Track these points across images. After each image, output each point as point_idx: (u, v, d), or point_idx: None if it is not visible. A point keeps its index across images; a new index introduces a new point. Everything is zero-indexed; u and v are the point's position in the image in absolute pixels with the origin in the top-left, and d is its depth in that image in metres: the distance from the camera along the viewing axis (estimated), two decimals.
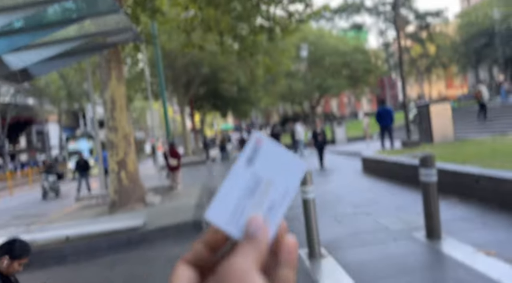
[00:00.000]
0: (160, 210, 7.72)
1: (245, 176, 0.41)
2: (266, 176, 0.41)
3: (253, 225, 0.39)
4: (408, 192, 7.36)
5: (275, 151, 0.42)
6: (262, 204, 0.40)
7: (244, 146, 0.43)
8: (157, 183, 12.39)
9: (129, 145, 8.72)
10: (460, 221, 5.50)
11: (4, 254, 2.43)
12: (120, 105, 8.71)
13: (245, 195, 0.41)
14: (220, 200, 0.40)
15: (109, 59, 8.65)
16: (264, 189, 0.41)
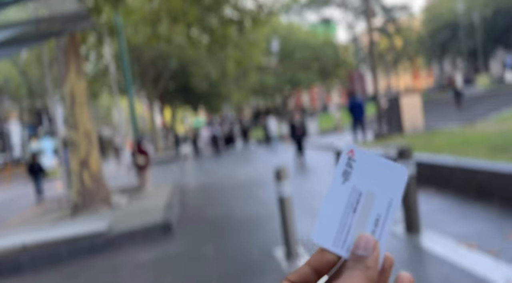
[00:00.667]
0: (127, 212, 7.26)
1: (344, 192, 0.39)
2: (366, 188, 0.39)
3: (362, 245, 0.36)
4: None
5: (370, 160, 0.40)
6: (366, 220, 0.38)
7: (217, 144, 0.32)
8: (124, 183, 11.83)
9: (91, 143, 8.18)
10: (438, 213, 5.39)
11: None
12: (80, 101, 8.14)
13: (348, 212, 0.39)
14: (323, 220, 0.39)
15: (67, 51, 8.04)
16: (367, 203, 0.39)
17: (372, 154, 0.40)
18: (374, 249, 0.36)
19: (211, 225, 6.30)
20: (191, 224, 6.58)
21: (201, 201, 8.47)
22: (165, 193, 9.00)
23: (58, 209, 9.02)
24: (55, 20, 5.36)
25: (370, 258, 0.36)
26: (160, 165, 19.95)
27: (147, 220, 6.34)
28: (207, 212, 7.17)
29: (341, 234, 0.38)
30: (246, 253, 4.99)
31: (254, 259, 4.71)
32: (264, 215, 6.35)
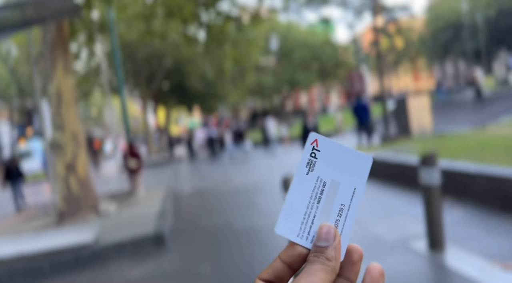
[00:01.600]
0: (116, 221, 6.67)
1: (309, 182, 0.39)
2: (331, 178, 0.39)
3: (323, 235, 0.36)
4: (397, 193, 6.70)
5: (335, 149, 0.39)
6: (330, 210, 0.38)
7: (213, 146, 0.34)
8: (114, 188, 11.21)
9: (78, 145, 7.58)
10: (461, 226, 4.85)
11: None
12: (67, 100, 7.54)
13: (312, 203, 0.39)
14: (287, 211, 0.38)
15: (54, 46, 7.44)
16: (331, 193, 0.39)
17: (336, 143, 0.39)
18: (334, 239, 0.36)
19: (208, 237, 5.73)
20: (186, 235, 6.00)
21: (197, 208, 7.88)
22: (158, 199, 8.41)
23: (43, 215, 8.40)
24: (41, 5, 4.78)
25: (330, 248, 0.35)
26: (153, 168, 19.33)
27: (138, 231, 5.76)
28: (203, 222, 6.59)
29: (305, 225, 0.38)
30: (248, 270, 4.42)
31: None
32: (266, 227, 5.78)
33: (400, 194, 6.54)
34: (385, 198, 6.44)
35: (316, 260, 0.35)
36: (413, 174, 6.73)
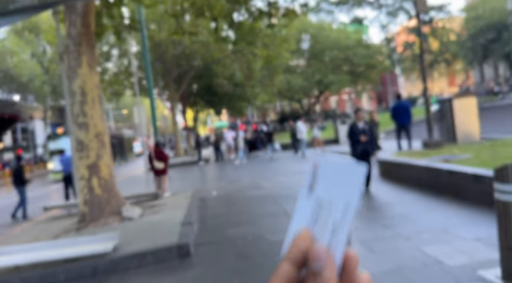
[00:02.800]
0: (138, 228, 6.22)
1: (309, 205, 0.40)
2: (327, 197, 0.39)
3: (315, 259, 0.36)
4: (448, 207, 5.90)
5: (331, 168, 0.40)
6: (325, 230, 0.38)
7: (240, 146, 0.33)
8: (140, 190, 10.86)
9: (103, 145, 7.20)
10: None
11: None
12: (92, 98, 7.19)
13: (311, 225, 0.39)
14: (291, 235, 0.39)
15: (79, 41, 7.11)
16: (326, 212, 0.39)
17: (332, 161, 0.40)
18: (328, 260, 0.36)
19: (237, 250, 5.16)
20: (212, 246, 5.46)
21: (224, 215, 7.34)
22: (183, 204, 7.94)
23: (66, 218, 8.10)
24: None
25: (327, 270, 0.35)
26: (180, 168, 19.05)
27: (161, 240, 5.27)
28: (231, 232, 6.03)
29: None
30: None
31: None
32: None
33: (453, 209, 5.75)
34: (436, 213, 5.67)
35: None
36: (467, 186, 5.93)
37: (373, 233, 5.08)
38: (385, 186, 8.02)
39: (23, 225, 8.49)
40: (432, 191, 6.79)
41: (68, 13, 7.03)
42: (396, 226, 5.30)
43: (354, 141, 7.51)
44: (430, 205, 6.06)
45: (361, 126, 7.49)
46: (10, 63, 25.36)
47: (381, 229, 5.24)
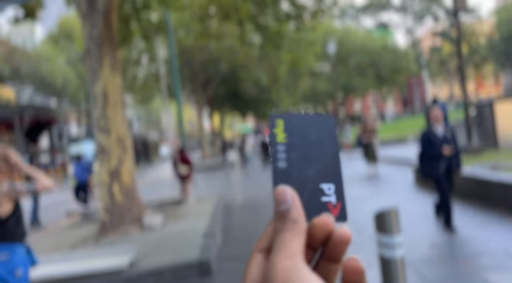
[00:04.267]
0: (158, 238, 5.89)
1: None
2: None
3: (280, 199, 0.36)
4: (505, 223, 5.26)
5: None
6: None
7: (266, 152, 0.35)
8: (164, 195, 10.61)
9: (124, 150, 6.95)
10: None
11: None
12: (114, 101, 6.96)
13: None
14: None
15: (101, 42, 6.91)
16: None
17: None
18: (293, 198, 0.35)
19: None
20: (236, 263, 5.05)
21: (249, 226, 6.92)
22: (207, 211, 7.58)
23: (86, 224, 7.90)
24: None
25: (292, 209, 0.35)
26: (205, 172, 18.82)
27: (181, 255, 4.90)
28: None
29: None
30: None
31: None
32: None
33: (507, 224, 5.12)
34: (491, 231, 5.06)
35: (283, 228, 0.34)
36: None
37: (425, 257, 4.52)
38: (423, 197, 7.40)
39: (44, 230, 8.34)
40: (479, 203, 6.15)
41: (90, 13, 6.84)
42: (446, 247, 4.72)
43: (431, 155, 5.11)
44: (481, 220, 5.43)
45: (440, 132, 5.11)
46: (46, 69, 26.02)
47: (425, 249, 4.68)
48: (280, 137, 0.39)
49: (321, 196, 0.38)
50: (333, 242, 0.36)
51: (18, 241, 2.70)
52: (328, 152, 0.40)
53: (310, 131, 0.40)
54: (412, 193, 7.98)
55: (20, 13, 9.74)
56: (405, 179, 9.37)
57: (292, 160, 0.39)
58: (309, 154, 0.39)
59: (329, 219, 0.36)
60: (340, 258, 0.36)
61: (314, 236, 0.36)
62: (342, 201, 0.38)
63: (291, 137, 0.40)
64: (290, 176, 0.38)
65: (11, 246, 2.66)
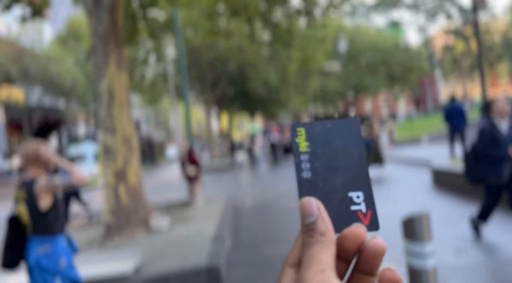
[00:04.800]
0: (165, 242, 5.65)
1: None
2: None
3: (306, 212, 0.35)
4: None
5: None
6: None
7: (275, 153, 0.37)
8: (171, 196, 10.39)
9: (130, 151, 6.73)
10: None
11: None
12: (120, 99, 6.74)
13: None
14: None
15: (106, 39, 6.70)
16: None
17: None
18: (319, 210, 0.34)
19: (276, 276, 4.44)
20: (247, 269, 4.78)
21: (260, 228, 6.65)
22: (216, 213, 7.33)
23: (91, 227, 7.70)
24: None
25: (318, 221, 0.34)
26: (214, 173, 18.60)
27: (188, 260, 4.65)
28: (269, 251, 5.32)
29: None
30: None
31: None
32: None
33: None
34: None
35: (311, 241, 0.33)
36: None
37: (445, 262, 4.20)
38: (441, 199, 7.05)
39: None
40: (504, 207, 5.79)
41: (95, 9, 6.64)
42: (475, 252, 4.39)
43: (495, 157, 4.19)
44: (507, 227, 5.08)
45: (504, 129, 4.25)
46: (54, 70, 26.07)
47: (453, 256, 4.36)
48: (302, 146, 0.38)
49: (350, 205, 0.36)
50: (367, 254, 0.34)
51: (59, 232, 2.80)
52: (354, 158, 0.38)
53: (333, 137, 0.38)
54: (430, 195, 7.63)
55: (27, 12, 9.62)
56: (422, 181, 9.01)
57: (317, 169, 0.37)
58: (334, 162, 0.37)
59: (360, 229, 0.34)
60: (375, 270, 0.34)
61: (346, 248, 0.34)
62: (372, 209, 0.36)
63: (314, 146, 0.38)
64: (315, 186, 0.37)
65: (53, 238, 2.75)
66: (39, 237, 2.75)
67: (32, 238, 2.76)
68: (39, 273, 2.72)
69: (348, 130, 0.38)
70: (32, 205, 2.73)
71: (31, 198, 2.72)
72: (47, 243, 2.75)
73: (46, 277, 2.71)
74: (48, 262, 2.71)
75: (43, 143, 2.84)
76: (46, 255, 2.72)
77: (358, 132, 0.38)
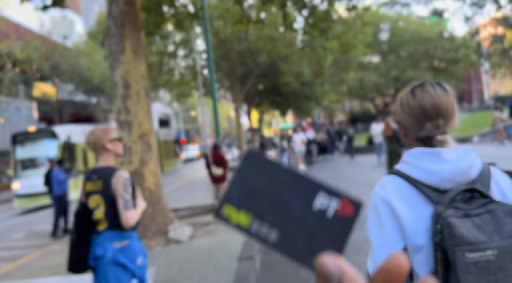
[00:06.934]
0: (184, 257, 4.76)
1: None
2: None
3: (327, 278, 0.30)
4: None
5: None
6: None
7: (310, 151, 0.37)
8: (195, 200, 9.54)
9: (148, 149, 5.90)
10: None
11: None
12: (137, 91, 5.93)
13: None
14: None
15: (122, 22, 5.89)
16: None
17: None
18: (338, 265, 0.30)
19: None
20: None
21: None
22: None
23: None
24: None
25: (345, 278, 0.30)
26: None
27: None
28: (306, 273, 4.30)
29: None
30: None
31: None
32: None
33: None
34: None
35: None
36: None
37: None
38: None
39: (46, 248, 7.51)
40: None
41: None
42: None
43: None
44: None
45: None
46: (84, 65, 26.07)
47: None
48: (243, 221, 0.35)
49: (323, 214, 0.34)
50: (390, 278, 0.29)
51: (135, 228, 2.59)
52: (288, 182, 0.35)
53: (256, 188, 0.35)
54: None
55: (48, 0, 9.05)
56: None
57: (274, 221, 0.34)
58: (276, 202, 0.35)
59: (401, 259, 0.29)
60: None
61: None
62: (341, 194, 0.34)
63: (251, 209, 0.35)
64: (290, 238, 0.34)
65: (131, 234, 2.56)
66: (115, 232, 2.47)
67: (105, 234, 2.46)
68: (113, 271, 2.43)
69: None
70: (109, 197, 2.45)
71: (108, 189, 2.45)
72: (124, 238, 2.48)
73: (120, 275, 2.43)
74: (126, 258, 2.46)
75: (113, 129, 2.60)
76: (123, 249, 2.46)
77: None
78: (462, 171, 1.06)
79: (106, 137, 2.54)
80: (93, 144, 2.56)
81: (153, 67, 21.73)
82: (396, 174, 1.14)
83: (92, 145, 2.56)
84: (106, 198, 2.47)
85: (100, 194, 2.48)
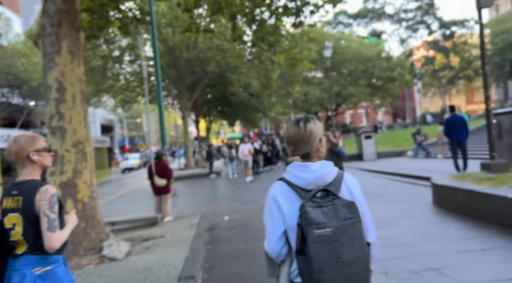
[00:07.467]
0: (118, 278, 4.41)
1: None
2: None
3: None
4: None
5: None
6: None
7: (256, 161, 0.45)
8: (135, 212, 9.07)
9: (83, 158, 5.49)
10: None
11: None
12: (72, 94, 5.51)
13: None
14: None
15: (58, 21, 5.47)
16: None
17: None
18: None
19: None
20: None
21: (241, 258, 5.47)
22: (186, 236, 6.14)
23: None
24: None
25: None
26: (189, 181, 17.33)
27: None
28: None
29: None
30: None
31: None
32: None
33: None
34: None
35: None
36: None
37: None
38: (449, 222, 6.08)
39: None
40: None
41: None
42: None
43: None
44: None
45: None
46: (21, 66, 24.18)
47: None
48: None
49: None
50: None
51: (61, 251, 2.30)
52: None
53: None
54: (431, 216, 6.68)
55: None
56: (424, 198, 8.10)
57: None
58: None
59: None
60: None
61: None
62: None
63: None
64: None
65: (55, 258, 2.27)
66: (36, 256, 2.16)
67: (23, 258, 2.16)
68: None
69: None
70: (31, 216, 2.16)
71: (30, 206, 2.16)
72: (47, 263, 2.17)
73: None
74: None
75: (40, 137, 2.31)
76: (45, 276, 2.14)
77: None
78: (321, 177, 1.56)
79: (32, 147, 2.25)
80: (15, 154, 2.25)
81: (97, 71, 20.72)
82: (282, 180, 1.63)
83: (14, 155, 2.25)
84: (26, 217, 2.18)
85: (19, 212, 2.18)
